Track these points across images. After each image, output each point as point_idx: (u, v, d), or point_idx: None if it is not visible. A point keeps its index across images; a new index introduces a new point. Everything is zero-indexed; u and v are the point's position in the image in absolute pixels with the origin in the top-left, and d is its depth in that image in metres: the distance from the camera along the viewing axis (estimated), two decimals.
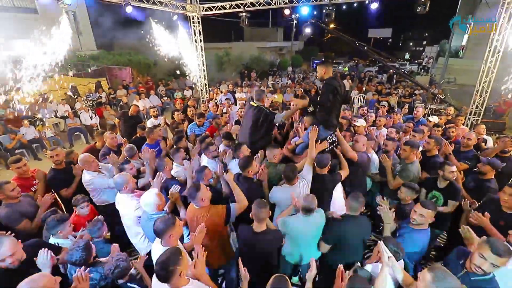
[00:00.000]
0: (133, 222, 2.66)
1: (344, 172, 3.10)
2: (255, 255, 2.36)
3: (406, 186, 2.87)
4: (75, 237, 2.48)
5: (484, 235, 2.13)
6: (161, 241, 2.11)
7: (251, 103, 3.62)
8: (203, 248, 2.01)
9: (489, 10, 7.43)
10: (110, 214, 3.17)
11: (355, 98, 10.72)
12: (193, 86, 12.05)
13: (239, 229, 2.51)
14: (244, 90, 10.70)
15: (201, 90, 9.94)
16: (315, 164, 2.97)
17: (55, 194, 3.44)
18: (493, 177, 3.14)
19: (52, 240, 2.43)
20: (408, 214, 2.48)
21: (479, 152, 3.93)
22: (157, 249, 2.12)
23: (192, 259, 1.97)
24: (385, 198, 2.91)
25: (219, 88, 11.93)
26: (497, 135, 4.60)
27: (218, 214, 2.40)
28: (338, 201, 3.16)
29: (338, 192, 3.20)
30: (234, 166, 3.41)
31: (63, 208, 3.72)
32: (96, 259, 2.20)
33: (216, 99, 9.72)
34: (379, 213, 2.62)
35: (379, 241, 2.02)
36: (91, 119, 8.74)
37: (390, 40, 46.32)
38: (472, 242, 2.04)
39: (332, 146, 3.29)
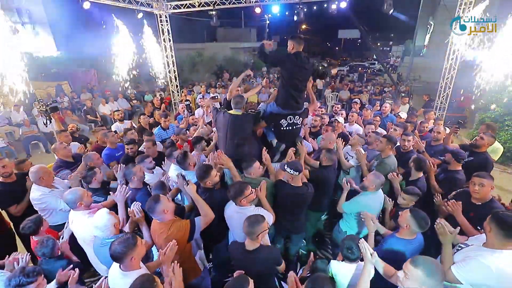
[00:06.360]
0: (91, 243, 2.30)
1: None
2: (250, 276, 2.02)
3: (407, 193, 2.67)
4: None
5: (454, 225, 2.10)
6: (120, 265, 1.81)
7: (231, 112, 3.12)
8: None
9: (448, 12, 7.83)
10: None
11: (328, 97, 10.91)
12: (165, 87, 11.58)
13: (229, 247, 2.29)
14: (217, 91, 10.49)
15: (172, 92, 9.53)
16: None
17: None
18: (460, 168, 3.16)
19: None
20: None
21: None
22: (116, 276, 1.82)
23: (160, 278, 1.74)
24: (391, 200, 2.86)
25: (193, 90, 11.57)
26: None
27: (181, 230, 2.11)
28: None
29: None
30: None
31: (12, 228, 3.30)
32: None
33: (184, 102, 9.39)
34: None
35: (360, 239, 1.95)
36: (46, 126, 7.80)
37: (359, 40, 48.11)
38: (446, 238, 2.01)
39: (290, 128, 3.30)
